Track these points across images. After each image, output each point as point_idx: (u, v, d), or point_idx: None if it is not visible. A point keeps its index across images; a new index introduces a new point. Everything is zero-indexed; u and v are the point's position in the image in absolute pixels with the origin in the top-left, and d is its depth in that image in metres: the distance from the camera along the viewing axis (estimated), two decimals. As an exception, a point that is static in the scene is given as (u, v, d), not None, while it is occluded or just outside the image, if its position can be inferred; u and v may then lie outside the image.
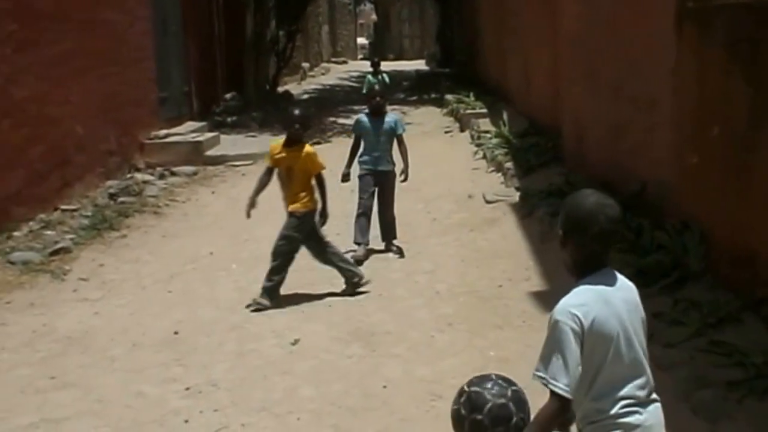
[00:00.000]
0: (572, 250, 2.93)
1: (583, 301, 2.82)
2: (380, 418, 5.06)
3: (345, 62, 44.70)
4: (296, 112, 7.39)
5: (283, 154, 7.23)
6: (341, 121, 18.91)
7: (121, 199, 11.37)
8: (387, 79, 17.50)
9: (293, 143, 7.26)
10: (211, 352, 6.23)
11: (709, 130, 6.46)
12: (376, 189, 8.63)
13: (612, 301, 2.84)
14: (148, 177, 12.85)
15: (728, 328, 5.59)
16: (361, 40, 57.54)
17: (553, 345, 2.79)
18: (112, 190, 11.67)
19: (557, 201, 9.17)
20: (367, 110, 8.79)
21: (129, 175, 12.83)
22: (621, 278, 2.96)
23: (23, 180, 9.81)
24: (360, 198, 8.61)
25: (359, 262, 8.12)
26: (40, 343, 6.53)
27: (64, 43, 11.14)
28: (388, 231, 8.78)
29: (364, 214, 8.56)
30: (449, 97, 20.39)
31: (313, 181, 7.28)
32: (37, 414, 5.26)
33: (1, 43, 9.52)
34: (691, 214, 6.82)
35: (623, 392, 2.85)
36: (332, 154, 9.83)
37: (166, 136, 14.60)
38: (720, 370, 5.10)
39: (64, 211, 10.37)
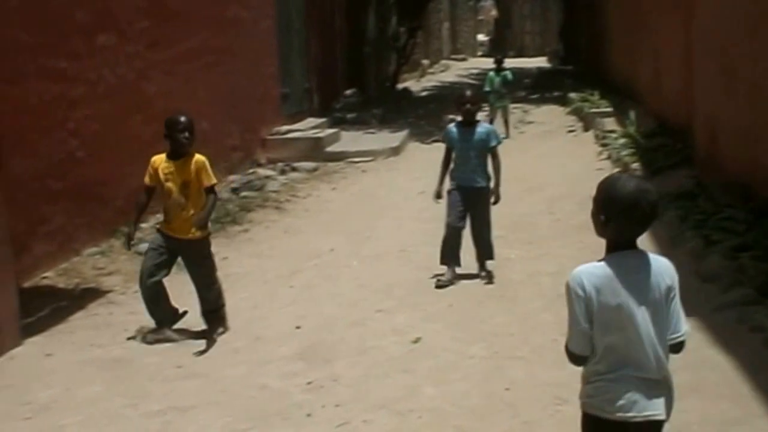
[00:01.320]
0: (611, 233, 3.08)
1: (591, 272, 3.06)
2: (504, 420, 4.96)
3: (464, 59, 44.56)
4: (182, 119, 6.28)
5: (172, 169, 6.31)
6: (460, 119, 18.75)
7: (244, 193, 11.56)
8: (509, 77, 17.21)
9: (181, 155, 6.32)
10: (332, 347, 6.25)
11: None
12: (468, 207, 7.64)
13: (618, 281, 3.01)
14: (269, 172, 13.04)
15: None
16: (481, 37, 57.17)
17: (568, 304, 3.13)
18: (234, 185, 11.89)
19: (688, 204, 8.86)
20: (459, 118, 7.86)
21: (251, 170, 13.06)
22: (652, 259, 3.07)
23: (152, 174, 10.03)
24: (448, 216, 7.62)
25: (443, 286, 7.50)
26: (168, 332, 6.67)
27: (192, 40, 11.39)
28: (483, 252, 7.77)
29: (452, 236, 7.61)
30: (572, 95, 20.02)
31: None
32: (165, 401, 5.37)
33: (134, 40, 9.79)
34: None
35: (619, 363, 3.04)
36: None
37: (288, 132, 14.82)
38: None
39: (189, 204, 10.58)
